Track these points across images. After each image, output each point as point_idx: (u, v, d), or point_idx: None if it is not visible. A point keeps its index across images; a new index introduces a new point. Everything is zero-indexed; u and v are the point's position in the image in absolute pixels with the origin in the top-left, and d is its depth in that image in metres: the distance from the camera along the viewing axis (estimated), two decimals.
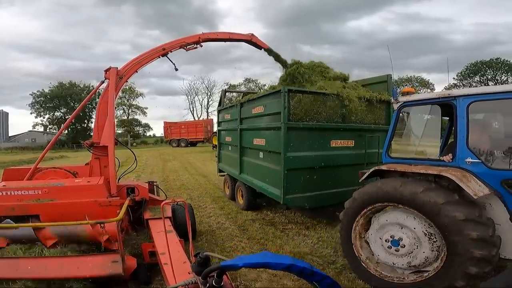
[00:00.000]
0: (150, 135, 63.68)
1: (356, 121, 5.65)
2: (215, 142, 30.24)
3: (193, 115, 57.65)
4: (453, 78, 38.62)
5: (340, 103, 5.44)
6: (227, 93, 9.75)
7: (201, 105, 60.87)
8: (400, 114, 3.87)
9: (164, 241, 2.83)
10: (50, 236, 3.64)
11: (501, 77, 47.23)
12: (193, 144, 34.66)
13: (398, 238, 3.32)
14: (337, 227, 3.99)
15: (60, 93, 46.29)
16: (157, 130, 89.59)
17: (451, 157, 3.30)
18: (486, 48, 76.32)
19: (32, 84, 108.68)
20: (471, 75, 49.04)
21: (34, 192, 3.82)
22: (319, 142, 5.32)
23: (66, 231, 3.63)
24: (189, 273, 2.33)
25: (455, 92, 3.30)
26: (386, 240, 3.43)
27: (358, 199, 3.68)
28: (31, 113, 46.91)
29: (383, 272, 3.50)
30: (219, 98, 9.10)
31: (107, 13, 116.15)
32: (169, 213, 4.41)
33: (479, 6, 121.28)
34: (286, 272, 1.36)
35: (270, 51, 6.45)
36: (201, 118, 51.81)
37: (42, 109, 47.38)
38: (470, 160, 3.12)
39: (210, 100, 58.27)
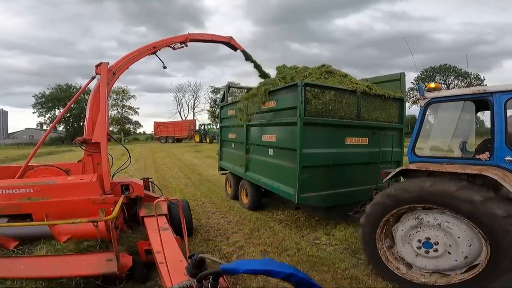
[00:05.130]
0: (140, 132, 62.48)
1: (370, 118, 5.16)
2: (197, 139, 33.25)
3: (180, 115, 59.57)
4: (411, 82, 39.01)
5: (355, 99, 4.97)
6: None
7: (188, 106, 62.20)
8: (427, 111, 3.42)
9: (159, 239, 2.67)
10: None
11: (450, 82, 48.68)
12: (178, 140, 38.25)
13: (434, 241, 2.97)
14: (359, 231, 3.54)
15: (59, 94, 47.23)
16: (147, 127, 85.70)
17: (488, 155, 2.95)
18: (472, 48, 69.71)
19: (17, 81, 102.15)
20: (426, 79, 49.94)
21: (26, 190, 3.50)
22: (335, 139, 4.83)
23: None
24: (184, 274, 2.19)
25: (492, 88, 2.95)
26: (418, 240, 3.07)
27: (382, 202, 3.22)
28: (33, 113, 49.45)
29: (406, 271, 3.18)
30: (205, 100, 8.82)
31: (90, 9, 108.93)
32: (165, 210, 4.06)
33: (466, 4, 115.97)
34: (285, 281, 1.28)
35: (245, 53, 6.61)
36: (188, 118, 55.98)
37: (43, 109, 48.50)
38: (510, 158, 2.81)
39: (196, 101, 60.77)
